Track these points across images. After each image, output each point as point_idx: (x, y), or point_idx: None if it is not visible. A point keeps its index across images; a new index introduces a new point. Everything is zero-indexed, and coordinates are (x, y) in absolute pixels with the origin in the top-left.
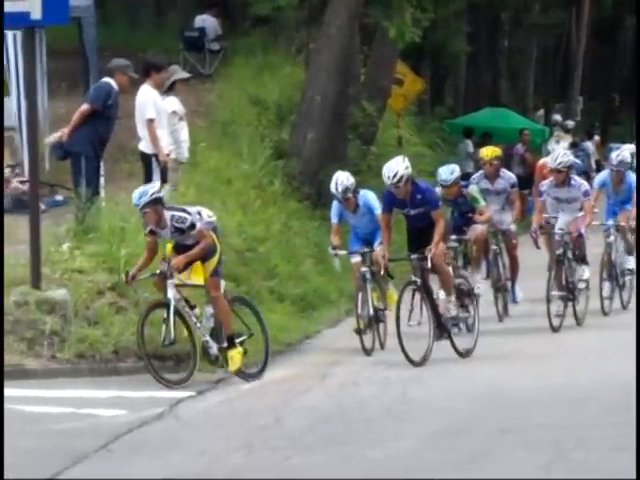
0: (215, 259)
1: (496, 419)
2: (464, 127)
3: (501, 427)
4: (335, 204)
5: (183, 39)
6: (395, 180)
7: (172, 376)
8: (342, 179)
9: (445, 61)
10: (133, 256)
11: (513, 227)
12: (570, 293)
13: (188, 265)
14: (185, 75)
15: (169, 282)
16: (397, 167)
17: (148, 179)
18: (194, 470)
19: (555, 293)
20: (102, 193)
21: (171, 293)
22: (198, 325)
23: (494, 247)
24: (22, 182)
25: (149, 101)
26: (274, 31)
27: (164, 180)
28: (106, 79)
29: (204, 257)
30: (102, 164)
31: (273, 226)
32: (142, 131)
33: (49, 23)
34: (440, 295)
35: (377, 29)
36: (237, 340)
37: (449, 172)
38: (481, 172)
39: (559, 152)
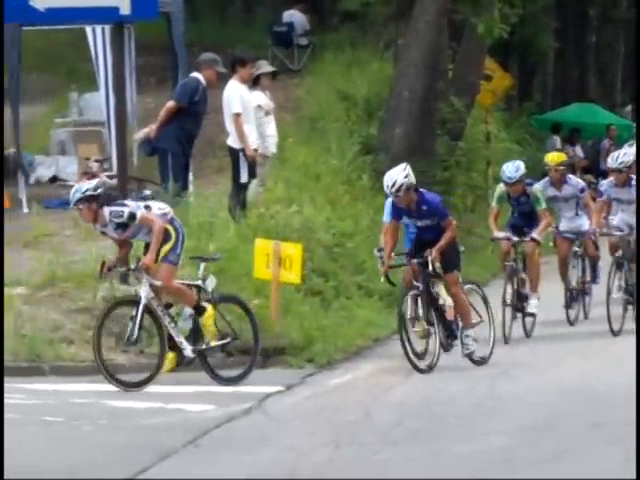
0: (168, 246)
1: (585, 415)
2: (552, 122)
3: (590, 423)
4: (388, 202)
5: (272, 34)
6: (394, 189)
7: (130, 377)
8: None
9: (533, 57)
10: (222, 251)
11: (597, 231)
12: (630, 296)
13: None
14: (269, 69)
15: (143, 280)
16: (397, 176)
17: (236, 174)
18: (282, 466)
19: (615, 296)
20: (191, 188)
21: (143, 291)
22: (172, 325)
23: (575, 249)
24: (110, 177)
25: (235, 96)
26: (362, 26)
27: (252, 175)
28: (194, 74)
29: (163, 242)
30: (191, 160)
31: (361, 221)
32: (230, 126)
33: (138, 18)
34: (447, 301)
35: (465, 25)
36: (218, 343)
37: (514, 169)
38: (547, 178)
39: (620, 151)
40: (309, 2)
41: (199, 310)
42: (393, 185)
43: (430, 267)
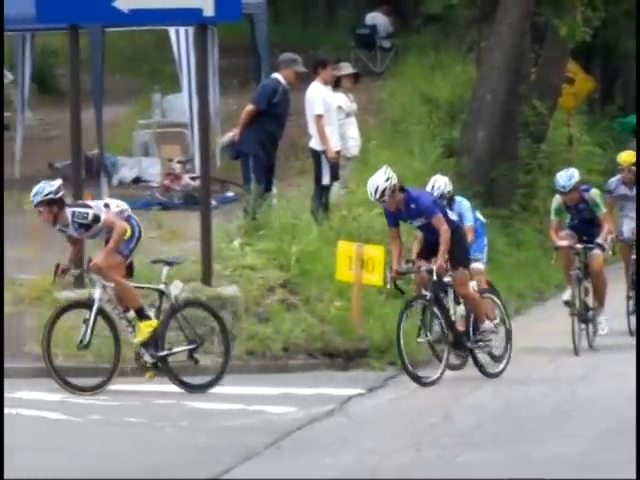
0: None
1: None
2: (634, 126)
3: None
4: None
5: (354, 37)
6: (378, 195)
7: (85, 382)
8: (439, 184)
9: (615, 60)
10: (304, 253)
11: None
12: None
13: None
14: (350, 71)
15: (97, 282)
16: (377, 181)
17: (318, 176)
18: (363, 468)
19: None
20: (274, 190)
21: (97, 293)
22: (130, 330)
23: (632, 256)
24: (193, 178)
25: (317, 97)
26: (445, 29)
27: (335, 177)
28: (274, 75)
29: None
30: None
31: None
32: (312, 128)
33: (221, 20)
34: (458, 310)
35: (548, 28)
36: (181, 348)
37: (567, 178)
38: (619, 177)
39: None
40: (392, 4)
41: (142, 316)
42: (376, 191)
43: (435, 276)
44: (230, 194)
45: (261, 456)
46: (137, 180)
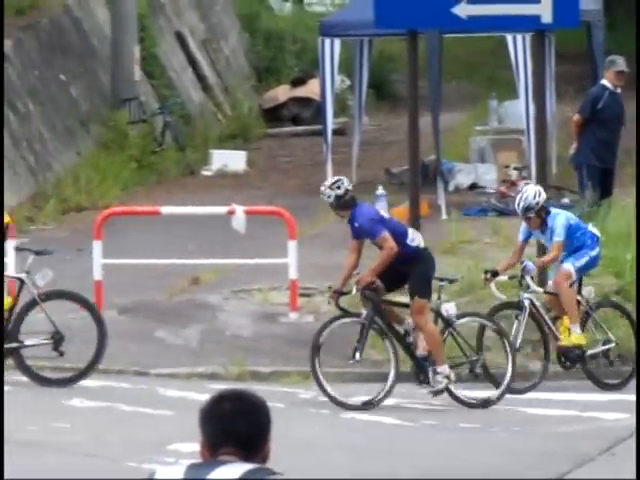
0: None
1: None
2: None
3: None
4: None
5: None
6: (326, 197)
7: None
8: (526, 195)
9: None
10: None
11: None
12: None
13: None
14: None
15: None
16: (327, 183)
17: None
18: None
19: None
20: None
21: None
22: None
23: None
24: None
25: None
26: None
27: None
28: (601, 82)
29: None
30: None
31: None
32: None
33: (559, 26)
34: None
35: None
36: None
37: None
38: None
39: None
40: None
41: None
42: (327, 197)
43: (354, 291)
44: (566, 200)
45: (595, 462)
46: (473, 186)
